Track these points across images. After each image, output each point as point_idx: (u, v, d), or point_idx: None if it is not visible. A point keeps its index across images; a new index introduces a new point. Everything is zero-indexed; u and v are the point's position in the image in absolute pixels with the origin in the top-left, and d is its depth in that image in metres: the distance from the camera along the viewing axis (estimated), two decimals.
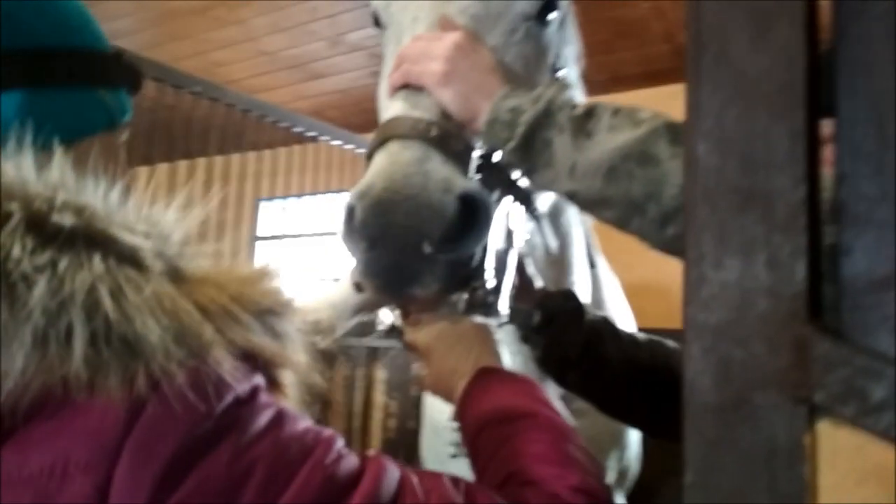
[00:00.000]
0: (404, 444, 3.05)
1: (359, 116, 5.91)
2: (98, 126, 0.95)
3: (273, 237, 6.70)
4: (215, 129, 4.17)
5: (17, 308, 0.67)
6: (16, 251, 0.68)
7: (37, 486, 0.67)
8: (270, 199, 6.89)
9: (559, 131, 1.04)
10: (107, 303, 0.69)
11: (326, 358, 0.98)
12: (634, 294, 2.17)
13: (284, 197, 6.62)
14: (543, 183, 1.10)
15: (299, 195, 6.61)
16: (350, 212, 1.08)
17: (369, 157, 1.14)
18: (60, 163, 0.76)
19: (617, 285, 2.01)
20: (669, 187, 0.94)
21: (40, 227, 0.70)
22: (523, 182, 1.21)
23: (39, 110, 0.87)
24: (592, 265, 1.75)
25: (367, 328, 1.40)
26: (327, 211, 6.22)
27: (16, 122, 0.82)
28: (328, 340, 1.16)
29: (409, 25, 1.24)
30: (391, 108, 1.17)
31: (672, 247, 0.96)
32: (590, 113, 1.04)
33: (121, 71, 1.00)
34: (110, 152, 0.96)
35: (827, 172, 0.56)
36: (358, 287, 1.15)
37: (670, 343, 1.39)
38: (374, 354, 3.34)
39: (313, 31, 4.99)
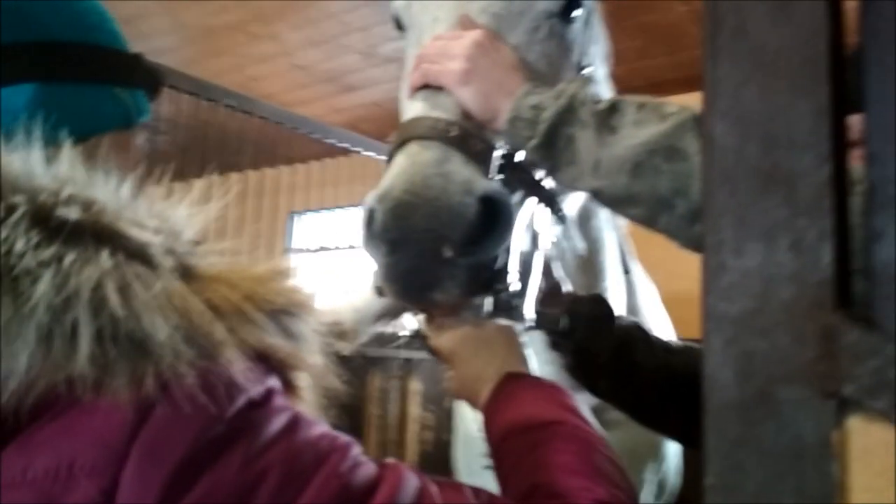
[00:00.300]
0: (441, 457, 3.01)
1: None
2: (112, 123, 0.95)
3: (307, 250, 6.72)
4: (249, 144, 4.21)
5: (21, 304, 0.65)
6: (19, 245, 0.66)
7: (41, 489, 0.65)
8: (304, 212, 6.93)
9: (582, 127, 1.01)
10: (113, 299, 0.67)
11: (353, 366, 0.96)
12: (675, 303, 2.11)
13: (318, 210, 6.65)
14: (567, 181, 1.07)
15: (333, 208, 6.64)
16: (370, 215, 1.06)
17: (389, 158, 1.12)
18: (70, 157, 0.75)
19: (654, 292, 1.96)
20: (698, 182, 0.90)
21: (45, 221, 0.69)
22: (547, 182, 1.18)
23: (51, 104, 0.87)
24: (626, 271, 1.71)
25: (392, 336, 1.37)
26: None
27: (26, 114, 0.81)
28: (352, 346, 1.14)
29: (429, 26, 1.23)
30: (410, 108, 1.16)
31: (701, 244, 0.93)
32: (614, 108, 1.01)
33: (137, 71, 1.00)
34: (125, 150, 0.95)
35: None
36: (379, 291, 1.13)
37: None
38: (408, 366, 3.32)
39: (347, 45, 5.04)
